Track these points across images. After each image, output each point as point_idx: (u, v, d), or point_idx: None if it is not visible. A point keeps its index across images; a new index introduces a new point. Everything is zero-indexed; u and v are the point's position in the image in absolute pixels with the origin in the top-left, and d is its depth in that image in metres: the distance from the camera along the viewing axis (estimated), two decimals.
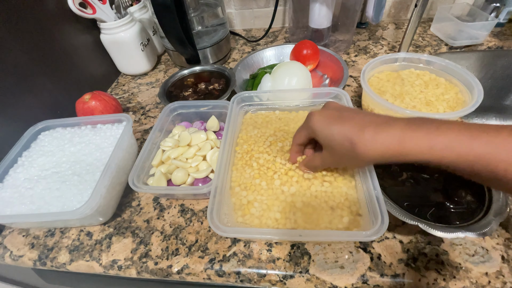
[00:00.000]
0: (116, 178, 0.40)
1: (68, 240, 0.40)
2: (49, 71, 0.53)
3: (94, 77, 0.65)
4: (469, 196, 0.33)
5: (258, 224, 0.33)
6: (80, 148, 0.43)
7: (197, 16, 0.63)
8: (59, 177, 0.39)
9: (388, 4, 0.74)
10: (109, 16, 0.61)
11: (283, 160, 0.40)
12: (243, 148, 0.42)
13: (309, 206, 0.34)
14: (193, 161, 0.41)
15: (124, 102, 0.63)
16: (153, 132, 0.44)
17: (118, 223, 0.41)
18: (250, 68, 0.63)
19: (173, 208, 0.42)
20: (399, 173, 0.37)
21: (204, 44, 0.65)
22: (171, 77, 0.59)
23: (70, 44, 0.58)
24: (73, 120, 0.47)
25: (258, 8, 0.79)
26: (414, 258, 0.33)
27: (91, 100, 0.51)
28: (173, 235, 0.38)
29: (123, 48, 0.64)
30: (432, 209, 0.33)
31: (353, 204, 0.34)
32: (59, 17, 0.55)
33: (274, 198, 0.35)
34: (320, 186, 0.36)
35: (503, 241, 0.34)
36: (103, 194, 0.36)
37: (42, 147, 0.44)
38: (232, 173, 0.39)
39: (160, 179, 0.39)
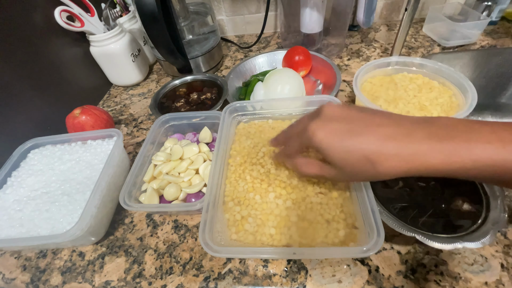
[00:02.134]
0: (108, 195, 0.40)
1: (60, 261, 0.39)
2: (37, 87, 0.52)
3: (85, 90, 0.64)
4: (467, 205, 0.33)
5: (253, 241, 0.32)
6: (70, 166, 0.42)
7: (188, 25, 0.63)
8: (49, 198, 0.39)
9: (380, 6, 0.74)
10: (98, 28, 0.60)
11: (277, 171, 0.39)
12: (236, 160, 0.41)
13: (304, 220, 0.34)
14: (185, 175, 0.41)
15: (116, 115, 0.62)
16: (145, 146, 0.43)
17: (111, 241, 0.40)
18: (242, 76, 0.63)
19: (167, 224, 0.41)
20: (395, 181, 0.36)
21: (195, 53, 0.64)
22: (163, 88, 0.59)
23: (59, 58, 0.57)
24: (63, 136, 0.46)
25: (250, 14, 0.78)
26: (412, 270, 0.32)
27: (81, 115, 0.50)
28: (167, 253, 0.37)
29: (113, 59, 0.63)
30: (429, 218, 0.33)
31: (349, 216, 0.33)
32: (46, 32, 0.54)
33: (268, 213, 0.35)
34: (315, 197, 0.35)
35: (502, 248, 0.33)
36: (93, 214, 0.36)
37: (32, 166, 0.44)
38: (225, 187, 0.38)
39: (152, 196, 0.38)
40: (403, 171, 0.23)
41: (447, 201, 0.34)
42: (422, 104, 0.43)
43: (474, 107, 0.39)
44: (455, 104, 0.43)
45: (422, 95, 0.45)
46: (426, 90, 0.46)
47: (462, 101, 0.42)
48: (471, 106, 0.39)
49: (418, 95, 0.45)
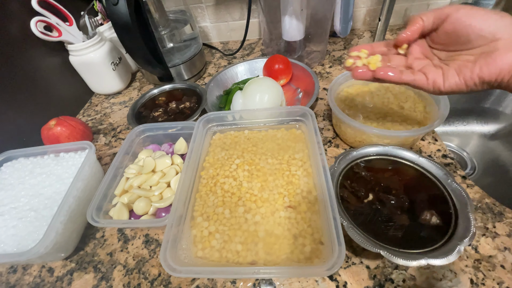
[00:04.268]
0: (77, 210, 0.39)
1: (29, 277, 0.39)
2: (11, 99, 0.51)
3: (65, 100, 0.63)
4: (435, 218, 0.32)
5: (218, 258, 0.32)
6: (41, 180, 0.42)
7: (168, 33, 0.62)
8: (16, 213, 0.38)
9: (363, 12, 0.74)
10: (76, 38, 0.59)
11: (249, 184, 0.38)
12: (209, 173, 0.41)
13: (272, 235, 0.33)
14: (157, 188, 0.40)
15: (95, 124, 0.62)
16: (117, 157, 0.43)
17: (81, 257, 0.39)
18: (223, 84, 0.62)
19: (138, 239, 0.40)
20: (365, 194, 0.36)
21: (176, 61, 0.64)
22: (141, 97, 0.58)
23: (35, 68, 0.56)
24: (36, 149, 0.46)
25: (233, 20, 0.78)
26: (380, 285, 0.32)
27: (56, 126, 0.50)
28: (136, 269, 0.37)
29: (93, 68, 0.63)
30: (397, 233, 0.32)
31: (316, 231, 0.33)
32: (22, 42, 0.54)
33: (236, 228, 0.34)
34: (284, 211, 0.35)
35: (472, 263, 0.33)
36: (59, 231, 0.35)
37: (3, 180, 0.43)
38: (195, 201, 0.38)
39: (121, 211, 0.38)
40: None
41: (416, 215, 0.33)
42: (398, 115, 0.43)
43: (460, 112, 0.39)
44: (429, 115, 0.43)
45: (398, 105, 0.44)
46: (402, 100, 0.45)
47: (435, 111, 0.42)
48: (443, 116, 0.39)
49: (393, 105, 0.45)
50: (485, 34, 0.26)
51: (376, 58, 0.32)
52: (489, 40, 0.26)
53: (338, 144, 0.48)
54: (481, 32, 0.26)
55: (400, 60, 0.33)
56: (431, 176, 0.36)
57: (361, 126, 0.40)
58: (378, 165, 0.39)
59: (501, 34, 0.25)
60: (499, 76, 0.25)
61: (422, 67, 0.31)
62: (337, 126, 0.47)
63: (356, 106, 0.46)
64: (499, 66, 0.25)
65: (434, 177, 0.36)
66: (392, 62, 0.33)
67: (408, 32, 0.31)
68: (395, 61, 0.33)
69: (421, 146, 0.46)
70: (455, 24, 0.28)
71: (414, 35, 0.31)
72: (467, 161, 0.66)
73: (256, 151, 0.43)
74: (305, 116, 0.43)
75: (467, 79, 0.27)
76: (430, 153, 0.45)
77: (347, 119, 0.41)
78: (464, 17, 0.27)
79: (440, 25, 0.29)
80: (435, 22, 0.30)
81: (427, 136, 0.47)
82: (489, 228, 0.35)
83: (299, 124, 0.45)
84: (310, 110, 0.42)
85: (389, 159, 0.39)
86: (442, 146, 0.45)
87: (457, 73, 0.28)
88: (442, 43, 0.30)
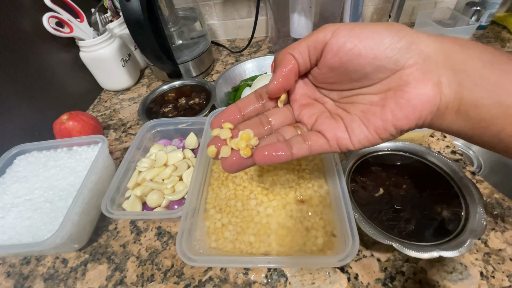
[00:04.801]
0: (91, 203, 0.40)
1: (43, 268, 0.39)
2: (25, 93, 0.52)
3: (75, 95, 0.64)
4: (446, 212, 0.33)
5: (232, 249, 0.32)
6: (55, 173, 0.42)
7: (177, 30, 0.63)
8: (31, 205, 0.39)
9: (370, 10, 0.74)
10: (87, 34, 0.60)
11: (260, 178, 0.39)
12: (220, 167, 0.41)
13: (284, 228, 0.34)
14: (169, 182, 0.41)
15: (105, 120, 0.62)
16: (130, 152, 0.43)
17: (94, 248, 0.40)
18: (232, 81, 0.63)
19: (150, 231, 0.41)
20: (376, 188, 0.37)
21: (185, 57, 0.64)
22: (151, 93, 0.59)
23: (47, 64, 0.57)
24: (49, 143, 0.47)
25: (241, 18, 0.78)
26: (391, 277, 0.32)
27: (69, 121, 0.50)
28: (149, 260, 0.37)
29: (103, 65, 0.64)
30: (408, 226, 0.33)
31: (328, 224, 0.33)
32: (35, 38, 0.55)
33: (249, 220, 0.35)
34: (295, 205, 0.35)
35: (482, 256, 0.33)
36: (74, 222, 0.36)
37: (17, 173, 0.44)
38: (207, 194, 0.38)
39: (135, 203, 0.38)
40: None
41: (427, 208, 0.34)
42: None
43: None
44: None
45: None
46: None
47: None
48: None
49: None
50: (384, 63, 0.19)
51: (246, 136, 0.22)
52: (391, 70, 0.19)
53: None
54: (377, 61, 0.19)
55: (282, 115, 0.25)
56: (441, 171, 0.37)
57: None
58: (388, 160, 0.39)
59: (404, 59, 0.18)
60: (420, 119, 0.19)
61: (315, 123, 0.23)
62: None
63: None
64: (417, 107, 0.18)
65: (444, 172, 0.37)
66: (272, 121, 0.24)
67: (279, 79, 0.22)
68: (276, 119, 0.24)
69: (430, 142, 0.46)
70: (338, 54, 0.20)
71: (288, 81, 0.23)
72: (474, 159, 0.66)
73: None
74: None
75: (379, 130, 0.20)
76: (439, 149, 0.45)
77: None
78: (347, 43, 0.19)
79: (320, 58, 0.21)
80: (312, 56, 0.22)
81: (436, 133, 0.47)
82: (498, 223, 0.36)
83: None
84: None
85: (399, 154, 0.40)
86: (451, 142, 0.45)
87: (364, 124, 0.21)
88: (331, 81, 0.23)
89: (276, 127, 0.24)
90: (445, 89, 0.18)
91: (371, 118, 0.20)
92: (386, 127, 0.20)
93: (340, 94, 0.23)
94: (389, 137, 0.20)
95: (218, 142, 0.23)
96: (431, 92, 0.18)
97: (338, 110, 0.23)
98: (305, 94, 0.25)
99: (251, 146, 0.22)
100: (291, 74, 0.22)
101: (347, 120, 0.22)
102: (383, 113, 0.20)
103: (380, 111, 0.20)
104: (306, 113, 0.24)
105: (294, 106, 0.25)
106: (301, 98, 0.25)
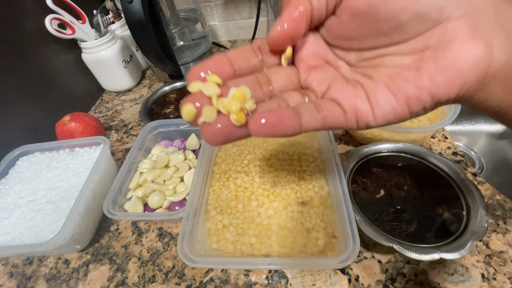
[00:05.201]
0: (93, 203, 0.40)
1: (45, 268, 0.39)
2: (28, 94, 0.53)
3: (77, 96, 0.64)
4: (447, 213, 0.33)
5: (233, 250, 0.33)
6: (57, 174, 0.43)
7: (178, 31, 0.63)
8: (34, 206, 0.39)
9: None
10: (89, 35, 0.60)
11: (261, 180, 0.39)
12: (221, 168, 0.42)
13: (285, 229, 0.34)
14: (170, 183, 0.41)
15: (107, 121, 0.63)
16: (131, 153, 0.44)
17: (96, 249, 0.40)
18: None
19: (151, 232, 0.41)
20: (377, 189, 0.37)
21: (186, 59, 0.65)
22: (153, 94, 0.59)
23: (50, 65, 0.58)
24: (51, 144, 0.47)
25: (242, 19, 0.79)
26: (392, 279, 0.32)
27: (71, 122, 0.51)
28: (150, 261, 0.38)
29: (105, 66, 0.64)
30: (409, 227, 0.33)
31: (329, 225, 0.33)
32: (37, 39, 0.55)
33: (250, 221, 0.35)
34: (296, 206, 0.36)
35: (484, 258, 0.33)
36: (77, 223, 0.36)
37: (20, 174, 0.44)
38: (208, 195, 0.39)
39: (136, 204, 0.39)
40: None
41: (428, 210, 0.34)
42: None
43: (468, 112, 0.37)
44: (439, 111, 0.43)
45: None
46: None
47: (446, 108, 0.42)
48: (454, 113, 0.39)
49: None
50: (426, 10, 0.14)
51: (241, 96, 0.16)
52: (432, 21, 0.15)
53: (348, 141, 0.49)
54: (417, 6, 0.14)
55: (285, 77, 0.19)
56: (443, 173, 0.37)
57: None
58: (389, 162, 0.39)
59: (451, 7, 0.14)
60: (463, 88, 0.15)
61: (328, 90, 0.18)
62: None
63: None
64: (462, 71, 0.14)
65: (445, 174, 0.37)
66: (273, 84, 0.18)
67: (286, 24, 0.16)
68: (277, 81, 0.18)
69: (431, 143, 0.46)
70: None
71: (297, 28, 0.17)
72: (475, 161, 0.66)
73: (267, 147, 0.44)
74: None
75: (411, 101, 0.16)
76: (440, 150, 0.45)
77: None
78: None
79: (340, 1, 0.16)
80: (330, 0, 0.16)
81: (437, 134, 0.47)
82: (500, 224, 0.35)
83: None
84: None
85: (400, 155, 0.40)
86: (452, 144, 0.45)
87: (392, 93, 0.16)
88: (350, 36, 0.17)
89: (278, 91, 0.18)
90: (496, 52, 0.14)
91: (401, 85, 0.16)
92: (420, 97, 0.15)
93: (360, 55, 0.18)
94: (420, 111, 0.16)
95: (199, 101, 0.16)
96: (482, 52, 0.14)
97: (356, 76, 0.18)
98: (316, 53, 0.19)
99: (245, 110, 0.16)
100: (302, 18, 0.16)
101: (369, 87, 0.16)
102: (419, 78, 0.15)
103: (415, 75, 0.15)
104: (316, 77, 0.19)
105: (300, 68, 0.19)
106: (310, 58, 0.19)
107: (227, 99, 0.16)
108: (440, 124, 0.39)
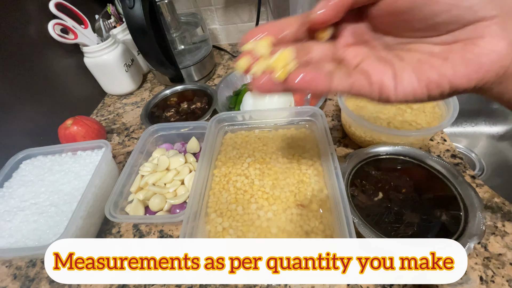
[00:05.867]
0: (95, 206, 0.40)
1: None
2: (31, 98, 0.53)
3: (79, 100, 0.65)
4: (445, 216, 0.33)
5: None
6: (60, 177, 0.43)
7: (179, 35, 0.64)
8: (37, 209, 0.39)
9: None
10: (91, 40, 0.61)
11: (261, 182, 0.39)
12: (221, 171, 0.42)
13: (284, 232, 0.34)
14: (171, 186, 0.41)
15: (109, 124, 0.63)
16: (133, 156, 0.44)
17: None
18: (233, 85, 0.64)
19: (152, 234, 0.41)
20: (375, 192, 0.37)
21: (187, 62, 0.65)
22: (154, 98, 0.60)
23: (52, 69, 0.58)
24: (54, 147, 0.48)
25: (242, 22, 0.79)
26: None
27: (73, 126, 0.51)
28: None
29: (107, 70, 0.65)
30: (408, 229, 0.33)
31: (328, 228, 0.34)
32: (40, 44, 0.56)
33: (249, 224, 0.35)
34: (295, 209, 0.36)
35: (482, 261, 0.33)
36: (79, 225, 0.36)
37: (23, 177, 0.45)
38: (209, 198, 0.39)
39: (137, 207, 0.39)
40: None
41: (427, 212, 0.34)
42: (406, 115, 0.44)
43: (468, 114, 0.37)
44: (437, 114, 0.43)
45: (406, 106, 0.45)
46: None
47: (445, 111, 0.42)
48: (453, 117, 0.39)
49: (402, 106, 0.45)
50: (463, 13, 0.16)
51: (285, 57, 0.20)
52: (467, 22, 0.16)
53: (347, 144, 0.49)
54: (455, 10, 0.16)
55: (323, 50, 0.22)
56: (441, 176, 0.37)
57: (371, 126, 0.40)
58: (388, 165, 0.40)
59: (487, 9, 0.15)
60: (481, 81, 0.16)
61: (361, 62, 0.20)
62: (346, 126, 0.48)
63: (365, 106, 0.47)
64: (483, 66, 0.16)
65: (443, 177, 0.37)
66: (312, 54, 0.21)
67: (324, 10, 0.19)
68: (316, 51, 0.22)
69: (430, 146, 0.46)
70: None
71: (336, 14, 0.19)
72: (476, 162, 0.66)
73: (267, 150, 0.44)
74: (315, 116, 0.44)
75: (431, 85, 0.17)
76: (439, 153, 0.45)
77: (356, 119, 0.41)
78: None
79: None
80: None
81: (436, 136, 0.47)
82: (499, 227, 0.36)
83: (309, 124, 0.46)
84: (320, 110, 0.43)
85: (399, 158, 0.40)
86: (451, 146, 0.46)
87: (416, 75, 0.18)
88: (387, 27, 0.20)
89: (316, 59, 0.21)
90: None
91: (427, 69, 0.17)
92: (440, 83, 0.17)
93: (396, 40, 0.20)
94: (437, 96, 0.18)
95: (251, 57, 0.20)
96: (505, 50, 0.15)
97: (388, 56, 0.19)
98: (354, 32, 0.21)
99: (288, 69, 0.19)
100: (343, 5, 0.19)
101: (398, 67, 0.18)
102: (444, 67, 0.17)
103: (441, 64, 0.17)
104: (351, 51, 0.21)
105: (338, 43, 0.22)
106: (348, 35, 0.22)
107: (275, 57, 0.20)
108: (438, 127, 0.39)
